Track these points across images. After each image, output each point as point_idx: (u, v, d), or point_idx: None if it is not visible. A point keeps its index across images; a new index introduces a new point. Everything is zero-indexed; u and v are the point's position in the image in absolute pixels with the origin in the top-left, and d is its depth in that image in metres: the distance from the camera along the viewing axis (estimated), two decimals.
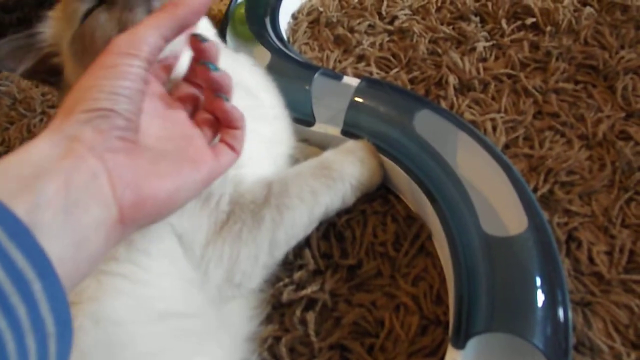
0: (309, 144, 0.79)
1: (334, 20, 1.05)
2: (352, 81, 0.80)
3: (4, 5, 1.43)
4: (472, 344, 0.55)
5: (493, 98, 0.84)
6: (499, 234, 0.60)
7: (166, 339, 0.56)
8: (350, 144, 0.72)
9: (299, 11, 1.11)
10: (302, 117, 0.78)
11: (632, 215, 0.69)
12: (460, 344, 0.55)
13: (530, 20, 0.97)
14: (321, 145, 0.78)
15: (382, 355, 0.60)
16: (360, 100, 0.76)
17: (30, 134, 1.06)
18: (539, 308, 0.55)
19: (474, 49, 0.93)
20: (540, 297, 0.55)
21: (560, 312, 0.55)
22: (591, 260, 0.65)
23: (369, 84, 0.77)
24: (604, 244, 0.67)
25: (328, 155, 0.70)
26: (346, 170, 0.68)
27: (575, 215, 0.69)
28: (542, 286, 0.56)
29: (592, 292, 0.63)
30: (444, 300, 0.63)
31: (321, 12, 1.07)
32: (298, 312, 0.64)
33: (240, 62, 0.76)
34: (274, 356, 0.62)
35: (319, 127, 0.78)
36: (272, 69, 0.81)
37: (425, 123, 0.71)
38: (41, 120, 1.08)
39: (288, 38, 1.04)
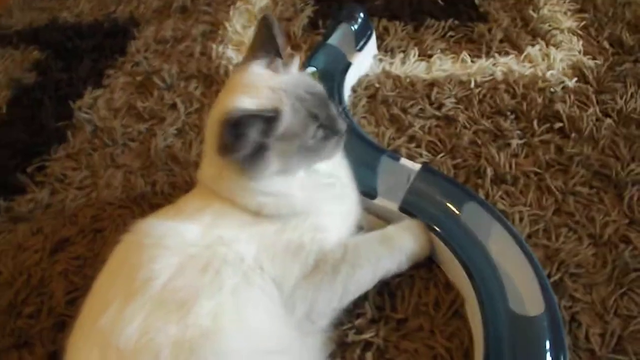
0: (368, 213, 1.03)
1: (390, 100, 1.29)
2: (409, 163, 1.05)
3: (78, 31, 1.66)
4: None
5: (521, 192, 1.09)
6: (521, 312, 0.83)
7: None
8: (408, 222, 0.96)
9: (358, 85, 1.35)
10: (366, 190, 1.02)
11: (623, 307, 0.92)
12: None
13: (558, 125, 1.21)
14: (379, 215, 1.02)
15: None
16: (419, 185, 1.00)
17: (113, 162, 1.28)
18: None
19: (508, 144, 1.18)
20: None
21: None
22: (587, 339, 0.88)
23: (428, 172, 1.02)
24: (599, 327, 0.90)
25: (390, 229, 0.95)
26: (404, 243, 0.94)
27: (578, 301, 0.93)
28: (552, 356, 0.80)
29: None
30: (471, 356, 0.87)
31: (378, 89, 1.32)
32: (358, 351, 0.88)
33: None
34: None
35: (380, 201, 1.01)
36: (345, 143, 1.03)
37: (471, 213, 0.96)
38: (122, 151, 1.31)
39: (348, 110, 1.28)
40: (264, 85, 0.85)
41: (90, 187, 1.25)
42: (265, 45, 0.91)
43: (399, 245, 0.94)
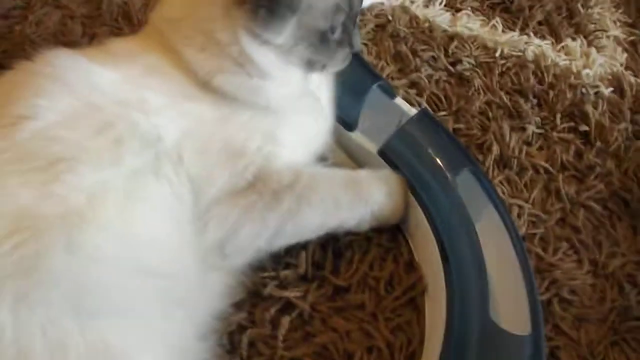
0: (339, 147, 0.80)
1: (401, 35, 1.07)
2: (404, 105, 0.83)
3: None
4: None
5: (525, 185, 0.88)
6: (502, 326, 0.62)
7: (141, 296, 0.57)
8: (387, 173, 0.75)
9: (369, 9, 1.13)
10: (346, 118, 0.79)
11: (612, 359, 0.73)
12: None
13: (583, 128, 1.01)
14: (350, 153, 0.81)
15: None
16: (411, 130, 0.78)
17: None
18: None
19: (523, 129, 0.97)
20: None
21: None
22: None
23: (426, 119, 0.79)
24: None
25: (362, 174, 0.74)
26: (373, 196, 0.72)
27: (563, 334, 0.74)
28: None
29: None
30: None
31: (390, 21, 1.09)
32: (273, 311, 0.66)
33: None
34: (232, 344, 0.63)
35: (357, 136, 0.80)
36: None
37: (467, 183, 0.74)
38: None
39: None
40: None
41: (16, 19, 1.06)
42: None
43: (367, 196, 0.72)
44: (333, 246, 0.73)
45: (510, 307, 0.66)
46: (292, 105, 0.71)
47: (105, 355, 0.51)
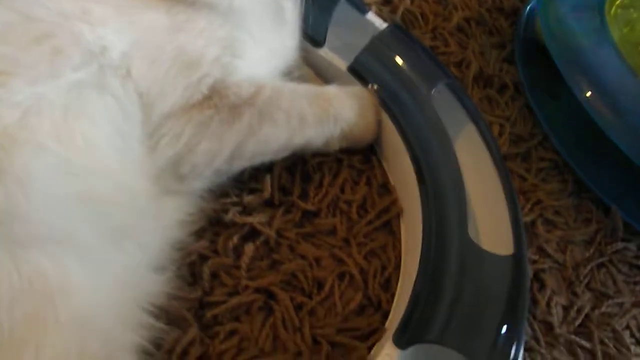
0: (306, 65, 0.74)
1: None
2: (376, 21, 0.76)
3: None
4: (414, 348, 0.53)
5: (507, 104, 0.83)
6: (483, 246, 0.58)
7: (82, 223, 0.51)
8: (358, 90, 0.68)
9: None
10: (312, 34, 0.73)
11: (598, 281, 0.70)
12: (403, 345, 0.53)
13: None
14: (318, 71, 0.75)
15: (310, 319, 0.58)
16: (382, 44, 0.72)
17: None
18: (497, 338, 0.54)
19: (503, 46, 0.91)
20: (502, 329, 0.54)
21: (513, 350, 0.54)
22: (548, 307, 0.65)
23: (398, 32, 0.73)
24: (564, 297, 0.68)
25: (330, 89, 0.67)
26: (343, 113, 0.65)
27: (547, 257, 0.70)
28: (505, 319, 0.55)
29: (537, 340, 0.64)
30: (392, 287, 0.62)
31: None
32: (235, 239, 0.60)
33: None
34: (193, 275, 0.58)
35: (325, 53, 0.73)
36: None
37: (443, 98, 0.68)
38: None
39: None
40: None
41: None
42: None
43: (336, 113, 0.65)
44: (301, 169, 0.67)
45: (491, 228, 0.62)
46: (254, 15, 0.64)
47: (43, 289, 0.45)
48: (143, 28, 0.57)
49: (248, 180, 0.65)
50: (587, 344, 0.65)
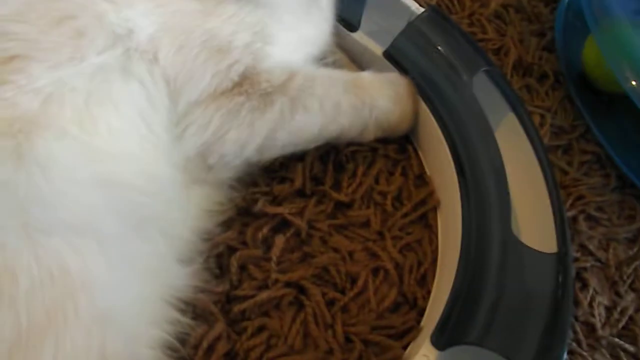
0: (339, 49, 0.71)
1: None
2: (412, 4, 0.73)
3: None
4: (453, 349, 0.51)
5: (547, 94, 0.80)
6: (526, 243, 0.55)
7: (104, 212, 0.48)
8: (394, 76, 0.65)
9: None
10: (347, 18, 0.70)
11: None
12: (441, 346, 0.51)
13: None
14: (353, 56, 0.72)
15: (342, 316, 0.55)
16: (419, 28, 0.69)
17: None
18: (541, 341, 0.51)
19: (543, 34, 0.87)
20: (546, 331, 0.51)
21: (557, 354, 0.51)
22: (591, 307, 0.62)
23: (438, 16, 0.70)
24: (607, 298, 0.64)
25: (365, 76, 0.65)
26: (379, 101, 0.63)
27: (589, 255, 0.67)
28: (550, 320, 0.52)
29: (579, 342, 0.60)
30: (428, 284, 0.59)
31: None
32: (265, 230, 0.58)
33: None
34: (220, 267, 0.56)
35: (360, 37, 0.70)
36: None
37: (484, 87, 0.65)
38: None
39: None
40: None
41: None
42: None
43: (371, 101, 0.63)
44: (334, 158, 0.64)
45: (534, 223, 0.58)
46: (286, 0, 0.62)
47: (64, 282, 0.43)
48: (171, 11, 0.55)
49: (279, 169, 0.62)
50: (631, 348, 0.62)
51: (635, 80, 0.69)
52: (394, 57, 0.68)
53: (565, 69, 0.81)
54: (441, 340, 0.51)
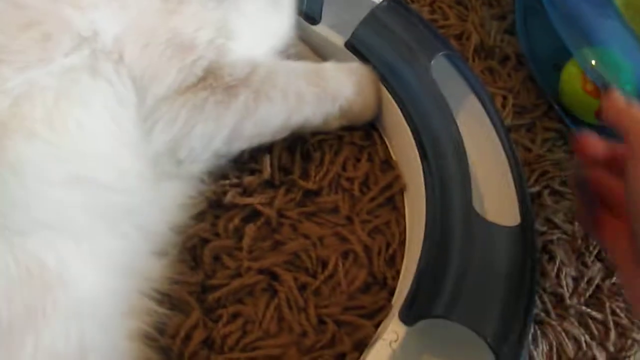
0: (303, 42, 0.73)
1: None
2: None
3: None
4: (421, 323, 0.53)
5: (509, 75, 0.81)
6: (488, 218, 0.57)
7: (78, 209, 0.50)
8: (356, 66, 0.67)
9: None
10: (307, 11, 0.71)
11: None
12: (409, 320, 0.53)
13: None
14: (315, 48, 0.73)
15: (314, 299, 0.57)
16: (379, 18, 0.70)
17: None
18: (506, 311, 0.53)
19: (504, 17, 0.89)
20: (510, 301, 0.53)
21: (523, 323, 0.53)
22: (558, 278, 0.64)
23: (397, 5, 0.72)
24: (574, 268, 0.66)
25: (328, 66, 0.66)
26: (342, 90, 0.64)
27: (555, 228, 0.68)
28: (514, 290, 0.54)
29: (548, 312, 0.62)
30: (397, 264, 0.61)
31: None
32: (236, 220, 0.59)
33: None
34: (194, 259, 0.57)
35: (321, 29, 0.72)
36: None
37: (443, 71, 0.67)
38: None
39: None
40: None
41: None
42: None
43: (334, 91, 0.64)
44: (301, 148, 0.66)
45: (497, 200, 0.61)
46: None
47: (41, 279, 0.45)
48: (135, 12, 0.56)
49: (247, 161, 0.64)
50: (598, 315, 0.64)
51: (593, 60, 0.70)
52: (356, 47, 0.69)
53: (526, 50, 0.83)
54: (409, 315, 0.53)
